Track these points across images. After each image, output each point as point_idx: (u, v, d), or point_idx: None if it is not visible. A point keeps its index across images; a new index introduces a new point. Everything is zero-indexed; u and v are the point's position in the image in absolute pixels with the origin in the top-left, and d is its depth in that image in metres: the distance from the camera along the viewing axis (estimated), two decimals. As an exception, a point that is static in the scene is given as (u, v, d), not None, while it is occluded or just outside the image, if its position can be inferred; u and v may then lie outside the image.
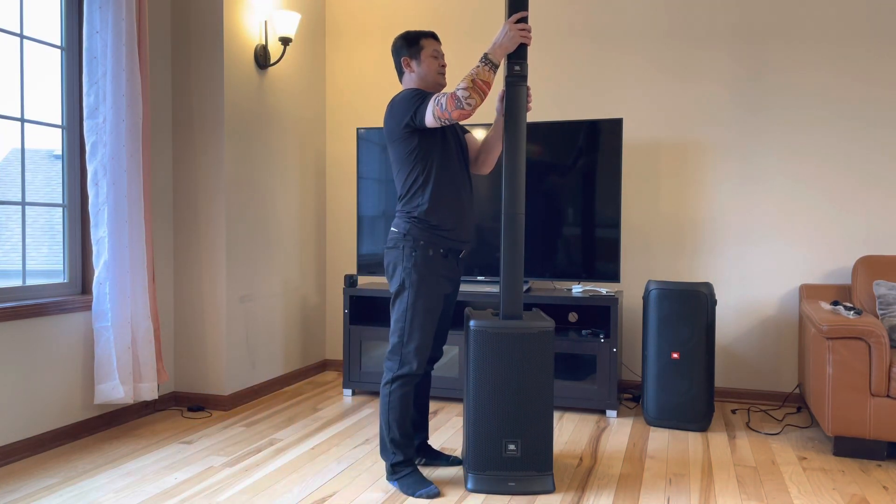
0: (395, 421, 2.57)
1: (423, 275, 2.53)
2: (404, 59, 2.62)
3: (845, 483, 2.70)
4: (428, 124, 2.46)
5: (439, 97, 2.42)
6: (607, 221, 3.75)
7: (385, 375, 2.60)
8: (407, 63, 2.62)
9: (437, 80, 2.63)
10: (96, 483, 2.64)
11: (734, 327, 3.96)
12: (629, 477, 2.76)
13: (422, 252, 2.54)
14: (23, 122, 3.02)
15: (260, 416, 3.55)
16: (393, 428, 2.58)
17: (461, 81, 2.42)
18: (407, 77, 2.64)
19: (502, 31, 2.47)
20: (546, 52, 4.21)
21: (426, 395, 2.85)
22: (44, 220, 3.22)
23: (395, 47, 2.65)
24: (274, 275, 4.08)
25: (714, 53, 3.94)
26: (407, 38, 2.62)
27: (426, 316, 2.55)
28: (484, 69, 2.41)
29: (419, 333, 2.54)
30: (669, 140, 4.03)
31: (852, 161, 3.77)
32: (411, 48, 2.61)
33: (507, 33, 2.47)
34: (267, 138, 4.00)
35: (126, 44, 3.16)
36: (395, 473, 2.59)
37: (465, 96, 2.37)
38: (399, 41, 2.64)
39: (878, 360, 2.90)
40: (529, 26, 2.49)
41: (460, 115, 2.40)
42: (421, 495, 2.51)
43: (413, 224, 2.55)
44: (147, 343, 3.29)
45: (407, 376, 2.57)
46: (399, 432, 2.58)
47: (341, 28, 4.59)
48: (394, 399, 2.57)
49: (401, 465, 2.60)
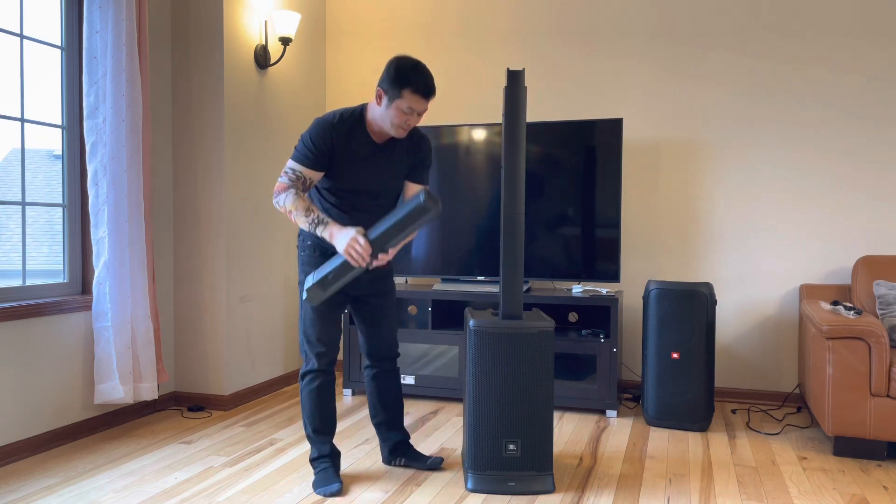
0: (307, 417, 2.63)
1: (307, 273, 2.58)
2: (379, 90, 2.38)
3: (845, 483, 2.70)
4: None
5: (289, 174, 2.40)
6: (607, 221, 3.75)
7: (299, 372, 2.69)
8: (379, 95, 2.38)
9: (390, 132, 2.43)
10: (96, 483, 2.64)
11: (734, 327, 3.96)
12: (629, 477, 2.76)
13: (308, 252, 2.57)
14: (23, 122, 3.02)
15: (260, 416, 3.55)
16: (306, 424, 2.64)
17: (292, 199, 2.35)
18: (373, 104, 2.43)
19: (345, 235, 2.28)
20: (546, 52, 4.21)
21: (394, 393, 2.81)
22: (44, 220, 3.22)
23: (386, 67, 2.38)
24: (274, 275, 4.08)
25: (714, 53, 3.94)
26: (396, 75, 2.34)
27: (315, 312, 2.57)
28: (304, 222, 2.36)
29: (311, 330, 2.58)
30: (669, 140, 4.03)
31: (852, 161, 3.77)
32: (392, 88, 2.34)
33: (342, 239, 2.28)
34: (267, 138, 4.00)
35: (126, 44, 3.16)
36: (313, 468, 2.66)
37: (277, 202, 2.41)
38: (390, 70, 2.35)
39: (878, 360, 2.90)
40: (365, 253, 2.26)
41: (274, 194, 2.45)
42: (319, 493, 2.54)
43: None
44: (147, 343, 3.29)
45: (311, 372, 2.61)
46: (311, 428, 2.62)
47: (341, 28, 4.59)
48: (304, 396, 2.63)
49: (316, 461, 2.65)
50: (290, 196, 2.38)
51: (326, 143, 2.41)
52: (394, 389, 2.82)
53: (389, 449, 2.83)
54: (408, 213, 2.24)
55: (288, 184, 2.40)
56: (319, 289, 2.36)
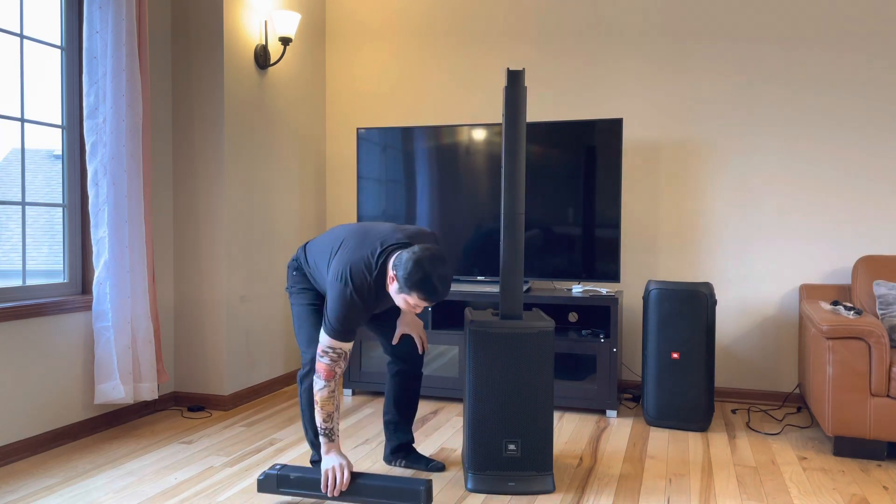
0: (308, 421, 2.65)
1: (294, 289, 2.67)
2: (393, 275, 2.33)
3: (845, 483, 2.70)
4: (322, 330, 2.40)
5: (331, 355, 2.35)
6: (607, 221, 3.75)
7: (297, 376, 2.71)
8: (392, 279, 2.33)
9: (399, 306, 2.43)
10: (96, 483, 2.64)
11: (734, 327, 3.96)
12: (629, 477, 2.76)
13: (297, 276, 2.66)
14: (23, 122, 3.02)
15: (260, 416, 3.55)
16: (306, 429, 2.66)
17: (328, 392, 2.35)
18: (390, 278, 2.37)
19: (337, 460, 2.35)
20: (546, 52, 4.21)
21: (411, 397, 2.81)
22: (44, 220, 3.22)
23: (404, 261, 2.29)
24: (274, 275, 4.08)
25: (714, 53, 3.94)
26: (410, 276, 2.27)
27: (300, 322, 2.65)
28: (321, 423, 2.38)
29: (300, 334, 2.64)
30: (669, 140, 4.03)
31: (853, 161, 3.77)
32: (404, 284, 2.29)
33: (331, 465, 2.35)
34: (267, 138, 4.00)
35: (126, 44, 3.16)
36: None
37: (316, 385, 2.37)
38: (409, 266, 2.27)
39: (878, 360, 2.90)
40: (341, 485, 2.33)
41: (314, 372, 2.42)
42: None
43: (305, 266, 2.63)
44: (147, 343, 3.29)
45: (308, 375, 2.63)
46: (312, 433, 2.64)
47: (341, 28, 4.59)
48: (304, 400, 2.64)
49: (318, 464, 2.66)
50: (326, 392, 2.36)
51: (364, 308, 2.37)
52: (414, 393, 2.82)
53: (392, 449, 2.83)
54: (398, 492, 2.29)
55: (331, 366, 2.35)
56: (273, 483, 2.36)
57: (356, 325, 2.38)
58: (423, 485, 2.27)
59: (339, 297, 2.34)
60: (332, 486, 2.33)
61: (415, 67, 4.45)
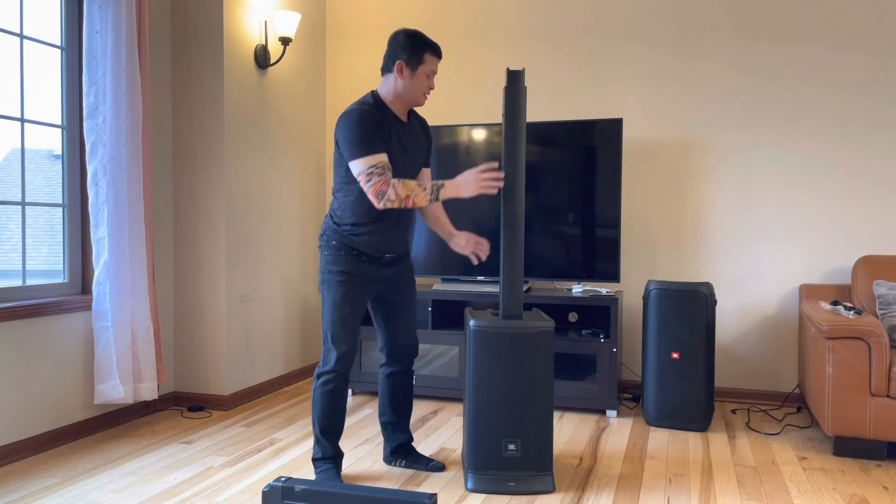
0: (317, 417, 2.61)
1: (334, 275, 2.54)
2: (399, 63, 2.46)
3: (845, 483, 2.70)
4: (351, 168, 2.43)
5: (377, 172, 2.36)
6: (607, 221, 3.75)
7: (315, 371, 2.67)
8: (400, 68, 2.46)
9: (419, 100, 2.52)
10: (96, 483, 2.64)
11: (734, 327, 3.96)
12: (629, 477, 2.76)
13: (333, 251, 2.55)
14: (23, 122, 3.02)
15: (260, 416, 3.55)
16: (314, 424, 2.62)
17: (401, 185, 2.38)
18: (391, 78, 2.49)
19: (466, 176, 2.43)
20: (546, 52, 4.21)
21: (406, 396, 2.81)
22: (44, 220, 3.22)
23: (395, 42, 2.47)
24: (274, 275, 4.08)
25: (714, 53, 3.94)
26: (413, 44, 2.45)
27: (339, 315, 2.55)
28: (424, 196, 2.41)
29: (332, 332, 2.56)
30: (669, 140, 4.03)
31: (852, 161, 3.77)
32: (413, 56, 2.45)
33: (468, 183, 2.42)
34: (267, 138, 4.00)
35: (126, 44, 3.16)
36: (315, 468, 2.65)
37: (391, 200, 2.38)
38: (403, 40, 2.45)
39: (878, 360, 2.90)
40: (499, 174, 2.42)
41: (373, 203, 2.42)
42: None
43: (330, 226, 2.57)
44: (147, 343, 3.29)
45: (329, 373, 2.59)
46: (319, 429, 2.61)
47: (341, 28, 4.59)
48: (316, 396, 2.60)
49: (319, 461, 2.64)
50: (397, 185, 2.38)
51: (377, 124, 2.42)
52: (406, 392, 2.82)
53: (391, 449, 2.83)
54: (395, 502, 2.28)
55: (381, 179, 2.37)
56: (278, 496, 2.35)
57: (378, 138, 2.39)
58: (428, 498, 2.27)
59: (350, 124, 2.38)
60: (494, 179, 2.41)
61: (415, 67, 4.45)
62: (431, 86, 2.53)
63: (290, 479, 2.37)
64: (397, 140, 2.51)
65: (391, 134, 2.48)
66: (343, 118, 2.43)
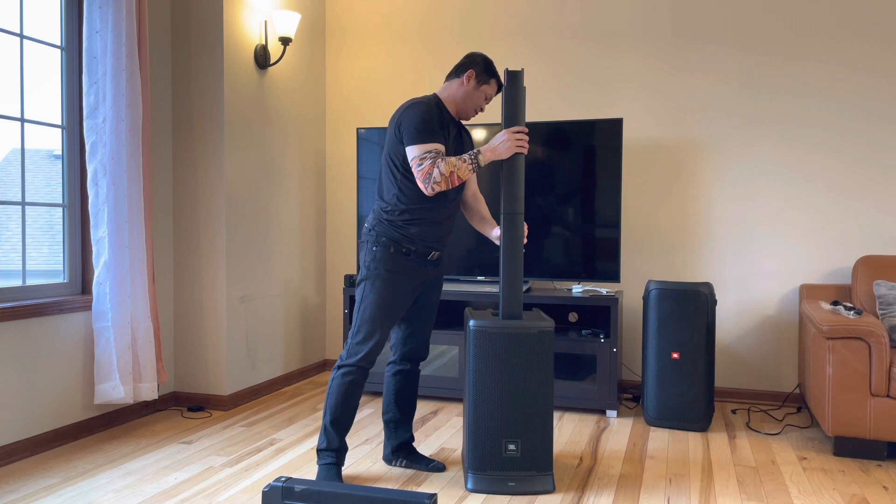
0: (330, 407, 2.60)
1: (380, 271, 2.56)
2: (470, 73, 2.61)
3: (845, 483, 2.70)
4: (407, 153, 2.51)
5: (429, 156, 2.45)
6: (607, 221, 3.75)
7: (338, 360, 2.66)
8: (469, 77, 2.61)
9: (468, 113, 2.67)
10: (96, 483, 2.64)
11: (734, 327, 3.96)
12: (629, 477, 2.76)
13: (383, 248, 2.57)
14: (23, 122, 3.02)
15: (260, 416, 3.55)
16: (326, 413, 2.62)
17: (444, 162, 2.45)
18: (456, 84, 2.64)
19: (499, 138, 2.51)
20: (546, 52, 4.21)
21: (412, 394, 2.82)
22: (44, 220, 3.22)
23: (473, 58, 2.65)
24: (274, 275, 4.08)
25: (714, 53, 3.94)
26: (487, 65, 2.64)
27: (379, 312, 2.56)
28: (466, 167, 2.47)
29: (368, 328, 2.56)
30: (669, 140, 4.03)
31: (852, 160, 3.77)
32: (483, 73, 2.63)
33: (504, 142, 2.50)
34: (267, 138, 4.00)
35: (126, 44, 3.16)
36: (317, 457, 2.63)
37: (436, 181, 2.45)
38: (481, 60, 2.64)
39: (878, 360, 2.90)
40: (527, 137, 2.53)
41: (421, 189, 2.50)
42: None
43: (380, 221, 2.60)
44: (147, 343, 3.29)
45: (351, 367, 2.58)
46: (330, 418, 2.60)
47: (341, 28, 4.59)
48: (334, 385, 2.60)
49: (323, 452, 2.62)
50: (440, 164, 2.45)
51: (437, 119, 2.53)
52: (413, 390, 2.83)
53: (393, 448, 2.83)
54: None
55: (431, 163, 2.45)
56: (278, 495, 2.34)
57: (436, 127, 2.49)
58: (428, 498, 2.27)
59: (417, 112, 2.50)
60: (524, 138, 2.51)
61: (415, 67, 4.45)
62: (482, 107, 2.69)
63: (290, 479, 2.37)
64: (452, 139, 2.64)
65: (449, 132, 2.61)
66: (410, 107, 2.53)
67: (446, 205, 2.62)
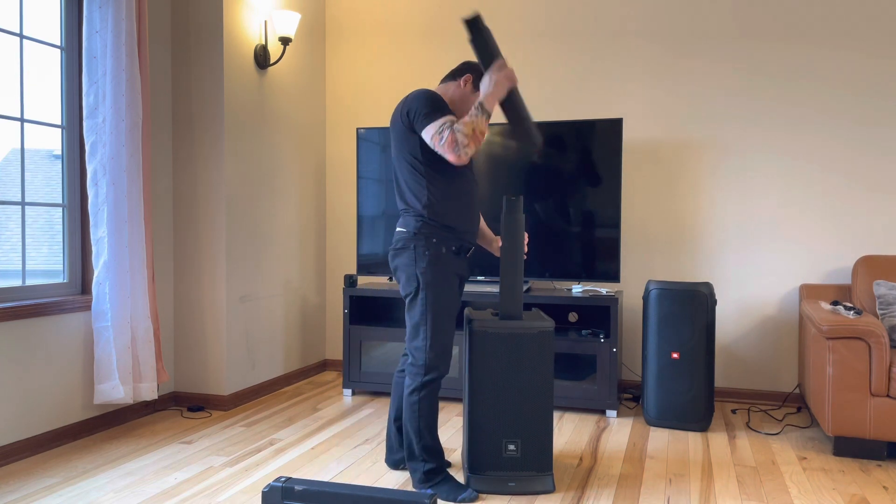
0: (427, 428, 2.53)
1: (438, 274, 2.50)
2: (468, 76, 2.60)
3: (845, 483, 2.70)
4: (423, 136, 2.46)
5: (446, 127, 2.41)
6: (607, 221, 3.75)
7: (411, 382, 2.53)
8: (467, 80, 2.60)
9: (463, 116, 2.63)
10: (96, 483, 2.64)
11: (734, 327, 3.95)
12: (629, 477, 2.76)
13: (434, 250, 2.50)
14: (23, 122, 3.02)
15: (260, 416, 3.55)
16: (425, 435, 2.53)
17: (461, 125, 2.41)
18: (454, 86, 2.63)
19: (489, 81, 2.46)
20: (546, 52, 4.21)
21: None
22: (44, 220, 3.22)
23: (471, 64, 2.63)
24: (274, 275, 4.08)
25: (714, 53, 3.94)
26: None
27: (446, 316, 2.51)
28: (481, 119, 2.43)
29: (441, 336, 2.50)
30: (669, 140, 4.03)
31: (852, 161, 3.77)
32: (479, 80, 2.61)
33: (494, 81, 2.46)
34: (267, 138, 4.00)
35: (126, 44, 3.16)
36: (428, 481, 2.53)
37: (464, 144, 2.40)
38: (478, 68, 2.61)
39: (878, 360, 2.90)
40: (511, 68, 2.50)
41: (453, 160, 2.42)
42: (463, 499, 2.47)
43: (423, 222, 2.51)
44: (147, 343, 3.29)
45: (435, 381, 2.53)
46: (431, 439, 2.54)
47: (341, 28, 4.59)
48: (423, 406, 2.52)
49: (433, 473, 2.54)
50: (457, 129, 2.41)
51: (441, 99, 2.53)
52: None
53: (402, 458, 2.79)
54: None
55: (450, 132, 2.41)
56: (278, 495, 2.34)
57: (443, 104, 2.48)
58: (428, 498, 2.27)
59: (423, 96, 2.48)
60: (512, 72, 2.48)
61: (415, 67, 4.45)
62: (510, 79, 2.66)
63: (290, 479, 2.37)
64: None
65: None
66: (414, 95, 2.51)
67: (466, 174, 2.60)
